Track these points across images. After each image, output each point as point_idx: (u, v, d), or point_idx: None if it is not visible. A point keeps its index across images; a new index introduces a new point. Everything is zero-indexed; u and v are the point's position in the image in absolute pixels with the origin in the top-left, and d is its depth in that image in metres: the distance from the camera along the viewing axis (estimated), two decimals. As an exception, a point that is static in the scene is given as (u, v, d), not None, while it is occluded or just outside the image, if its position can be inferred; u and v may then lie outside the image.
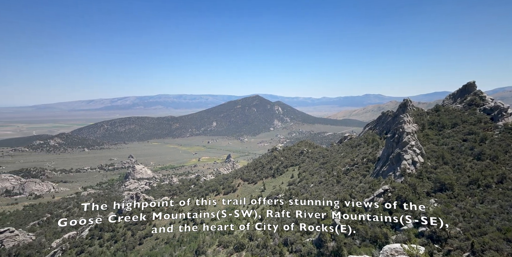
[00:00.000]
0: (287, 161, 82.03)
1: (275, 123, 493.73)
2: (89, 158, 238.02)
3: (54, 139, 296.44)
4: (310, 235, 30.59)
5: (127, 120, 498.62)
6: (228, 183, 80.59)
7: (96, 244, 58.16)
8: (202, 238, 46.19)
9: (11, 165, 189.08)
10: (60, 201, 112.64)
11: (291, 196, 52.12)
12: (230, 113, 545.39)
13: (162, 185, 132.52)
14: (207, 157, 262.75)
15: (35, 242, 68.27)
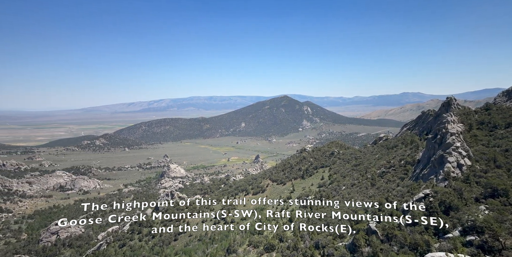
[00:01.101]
0: (316, 162, 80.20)
1: (303, 123, 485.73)
2: (129, 157, 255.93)
3: (99, 139, 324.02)
4: (343, 239, 29.54)
5: (162, 121, 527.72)
6: (257, 183, 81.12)
7: (136, 238, 62.15)
8: (233, 237, 47.02)
9: (63, 162, 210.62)
10: (104, 197, 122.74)
11: (321, 198, 50.76)
12: (258, 114, 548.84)
13: (194, 184, 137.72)
14: (236, 157, 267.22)
15: (84, 234, 75.23)
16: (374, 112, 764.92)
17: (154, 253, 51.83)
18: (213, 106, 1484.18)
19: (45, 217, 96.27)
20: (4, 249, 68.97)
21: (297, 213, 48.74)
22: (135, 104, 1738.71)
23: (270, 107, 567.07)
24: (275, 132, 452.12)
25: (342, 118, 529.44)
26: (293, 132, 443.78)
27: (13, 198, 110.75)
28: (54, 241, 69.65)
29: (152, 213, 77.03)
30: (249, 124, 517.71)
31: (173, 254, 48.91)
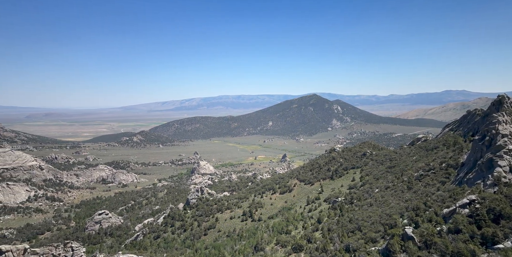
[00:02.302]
0: (347, 163, 77.47)
1: (333, 123, 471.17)
2: (163, 153, 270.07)
3: (136, 136, 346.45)
4: (376, 243, 28.23)
5: (193, 120, 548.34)
6: (284, 182, 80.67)
7: (169, 231, 65.42)
8: (260, 235, 47.37)
9: (105, 157, 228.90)
10: (141, 190, 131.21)
11: (352, 201, 49.03)
12: (286, 113, 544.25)
13: (222, 181, 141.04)
14: (263, 156, 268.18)
15: (123, 225, 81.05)
16: (412, 112, 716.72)
17: (186, 246, 54.08)
18: (241, 105, 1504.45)
19: (89, 207, 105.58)
20: (57, 235, 77.01)
21: (326, 214, 47.74)
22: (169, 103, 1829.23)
23: (298, 106, 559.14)
24: (302, 131, 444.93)
25: (376, 118, 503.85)
26: (321, 131, 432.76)
27: (63, 189, 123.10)
28: (97, 230, 76.01)
29: (184, 208, 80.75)
30: (277, 123, 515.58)
31: (203, 248, 50.62)
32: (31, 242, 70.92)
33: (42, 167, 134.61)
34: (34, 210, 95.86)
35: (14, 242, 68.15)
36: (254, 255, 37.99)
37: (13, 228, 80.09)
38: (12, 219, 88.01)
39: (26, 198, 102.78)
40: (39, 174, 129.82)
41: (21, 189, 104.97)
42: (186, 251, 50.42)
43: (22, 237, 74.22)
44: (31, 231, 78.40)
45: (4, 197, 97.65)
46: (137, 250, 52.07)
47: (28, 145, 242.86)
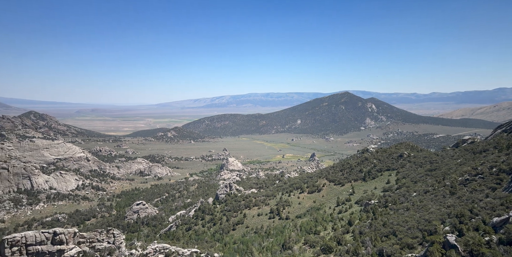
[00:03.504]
0: (381, 164, 73.67)
1: (366, 122, 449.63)
2: (194, 149, 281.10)
3: (170, 132, 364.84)
4: (413, 250, 26.60)
5: (222, 117, 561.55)
6: (312, 182, 79.24)
7: (200, 224, 68.20)
8: (288, 233, 47.26)
9: (143, 151, 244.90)
10: (174, 184, 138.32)
11: (386, 204, 46.60)
12: (315, 111, 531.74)
13: (250, 178, 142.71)
14: (291, 154, 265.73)
15: (158, 215, 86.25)
16: (457, 111, 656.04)
17: (215, 240, 55.94)
18: (270, 103, 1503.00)
19: (129, 197, 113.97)
20: (101, 221, 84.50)
21: (357, 217, 46.03)
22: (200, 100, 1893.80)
23: (328, 104, 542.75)
24: (333, 130, 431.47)
25: (415, 117, 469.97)
26: (353, 131, 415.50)
27: (106, 179, 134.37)
28: (135, 219, 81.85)
29: (213, 202, 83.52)
30: (305, 121, 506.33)
31: (232, 242, 51.92)
32: (79, 227, 78.65)
33: (89, 158, 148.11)
34: (81, 197, 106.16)
35: (66, 225, 76.28)
36: (282, 253, 38.07)
37: (65, 213, 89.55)
38: (64, 204, 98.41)
39: (75, 186, 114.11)
40: (86, 164, 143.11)
41: (71, 178, 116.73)
42: (216, 244, 52.18)
43: (72, 222, 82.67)
44: (80, 217, 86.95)
45: (58, 184, 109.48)
46: (170, 240, 55.17)
47: (77, 137, 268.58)
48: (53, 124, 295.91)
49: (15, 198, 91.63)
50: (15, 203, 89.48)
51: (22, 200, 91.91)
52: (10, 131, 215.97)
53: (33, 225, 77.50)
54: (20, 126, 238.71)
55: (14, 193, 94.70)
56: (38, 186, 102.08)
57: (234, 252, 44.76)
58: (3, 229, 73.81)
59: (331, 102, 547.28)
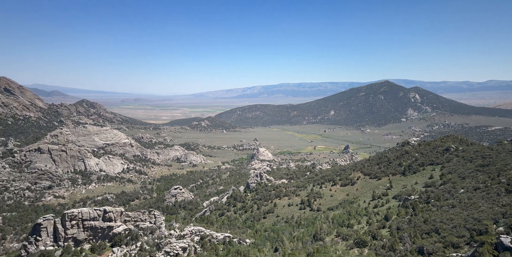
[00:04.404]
0: (423, 158, 68.45)
1: (408, 113, 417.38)
2: (226, 138, 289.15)
3: (204, 121, 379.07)
4: (458, 249, 24.61)
5: (253, 107, 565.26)
6: (346, 174, 76.86)
7: (232, 210, 70.82)
8: (319, 225, 46.86)
9: (179, 139, 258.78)
10: (207, 171, 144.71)
11: (428, 200, 43.48)
12: (351, 102, 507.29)
13: (280, 168, 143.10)
14: (323, 146, 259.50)
15: (194, 200, 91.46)
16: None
17: (247, 226, 57.77)
18: (302, 93, 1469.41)
19: (167, 181, 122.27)
20: (143, 203, 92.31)
21: (395, 212, 43.77)
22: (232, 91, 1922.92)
23: (365, 94, 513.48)
24: (370, 121, 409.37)
25: (466, 108, 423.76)
26: (393, 122, 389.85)
27: (148, 164, 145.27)
28: (173, 202, 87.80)
29: (244, 190, 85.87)
30: (339, 112, 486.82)
31: (263, 230, 53.18)
32: (125, 207, 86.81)
33: (132, 144, 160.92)
34: (126, 180, 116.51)
35: (113, 205, 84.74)
36: (313, 243, 38.00)
37: (113, 193, 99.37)
38: (112, 185, 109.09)
39: (121, 170, 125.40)
40: (130, 150, 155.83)
41: (118, 162, 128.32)
42: (247, 230, 53.91)
43: (119, 202, 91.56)
44: (125, 198, 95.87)
45: (107, 167, 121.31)
46: (205, 224, 58.28)
47: (122, 125, 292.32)
48: (102, 112, 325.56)
49: (72, 178, 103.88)
50: (72, 182, 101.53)
51: (77, 180, 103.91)
52: (67, 117, 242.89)
53: (87, 203, 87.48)
54: (75, 113, 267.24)
55: (72, 173, 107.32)
56: (90, 168, 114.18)
57: (265, 239, 45.85)
58: (64, 204, 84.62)
59: (369, 92, 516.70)
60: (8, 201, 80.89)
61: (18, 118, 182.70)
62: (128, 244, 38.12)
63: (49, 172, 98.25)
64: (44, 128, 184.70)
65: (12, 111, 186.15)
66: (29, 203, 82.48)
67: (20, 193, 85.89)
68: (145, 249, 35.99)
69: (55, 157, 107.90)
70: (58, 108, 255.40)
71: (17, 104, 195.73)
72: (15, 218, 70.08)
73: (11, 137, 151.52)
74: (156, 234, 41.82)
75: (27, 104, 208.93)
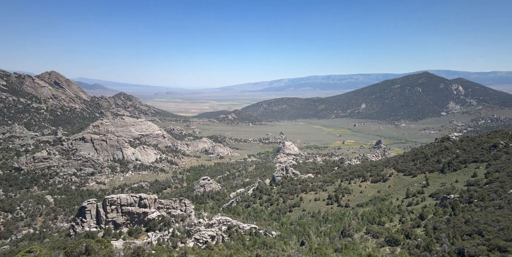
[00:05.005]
0: (465, 155, 62.83)
1: (449, 106, 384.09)
2: (252, 132, 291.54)
3: (231, 114, 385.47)
4: (505, 253, 22.40)
5: (280, 100, 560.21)
6: (377, 170, 73.52)
7: (258, 202, 71.77)
8: (348, 221, 45.62)
9: (207, 131, 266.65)
10: (234, 163, 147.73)
11: (471, 199, 40.02)
12: (384, 94, 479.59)
13: (307, 163, 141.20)
14: (352, 141, 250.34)
15: (221, 191, 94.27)
16: None
17: (272, 219, 58.25)
18: (330, 86, 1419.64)
19: (196, 172, 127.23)
20: (174, 191, 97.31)
21: (431, 211, 41.04)
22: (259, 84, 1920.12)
23: (401, 87, 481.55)
24: (405, 115, 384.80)
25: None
26: (431, 116, 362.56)
27: (178, 155, 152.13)
28: (202, 192, 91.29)
29: (270, 183, 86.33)
30: (371, 105, 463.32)
31: (289, 223, 53.25)
32: (158, 194, 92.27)
33: (164, 135, 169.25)
34: (159, 169, 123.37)
35: (148, 192, 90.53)
36: (341, 239, 37.19)
37: (147, 181, 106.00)
38: (146, 174, 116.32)
39: (154, 159, 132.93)
40: (162, 141, 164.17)
41: (151, 152, 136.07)
42: (273, 223, 54.37)
43: (152, 189, 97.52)
44: (158, 186, 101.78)
45: (142, 157, 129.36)
46: (232, 214, 59.88)
47: (155, 117, 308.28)
48: (137, 104, 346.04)
49: (112, 166, 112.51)
50: (112, 169, 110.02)
51: (116, 168, 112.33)
52: (106, 109, 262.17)
53: (125, 189, 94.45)
54: (114, 106, 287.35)
55: (111, 162, 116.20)
56: (127, 157, 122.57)
57: (291, 232, 45.88)
58: (104, 190, 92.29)
59: (405, 84, 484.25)
60: (58, 184, 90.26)
61: (65, 109, 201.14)
62: (161, 229, 40.53)
63: (92, 160, 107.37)
64: (87, 119, 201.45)
65: (60, 103, 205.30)
66: (76, 187, 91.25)
67: (68, 178, 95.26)
68: (176, 235, 38.01)
69: (97, 146, 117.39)
70: (99, 101, 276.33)
71: (64, 96, 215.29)
72: (64, 200, 78.14)
73: (60, 126, 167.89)
74: (187, 222, 43.87)
75: (73, 96, 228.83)
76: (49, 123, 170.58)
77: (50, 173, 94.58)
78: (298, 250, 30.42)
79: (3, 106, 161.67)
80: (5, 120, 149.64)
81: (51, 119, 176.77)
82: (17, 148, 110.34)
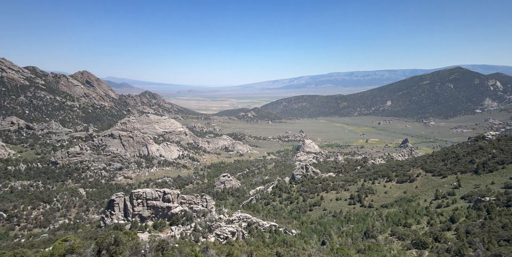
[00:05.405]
0: (503, 155, 58.09)
1: (485, 103, 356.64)
2: (271, 129, 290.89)
3: (250, 112, 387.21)
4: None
5: (300, 98, 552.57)
6: (403, 170, 70.30)
7: (277, 200, 71.61)
8: (371, 222, 44.17)
9: (227, 129, 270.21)
10: (253, 161, 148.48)
11: (509, 203, 36.99)
12: (411, 91, 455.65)
13: (327, 161, 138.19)
14: (376, 139, 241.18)
15: (240, 188, 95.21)
16: None
17: (292, 217, 57.86)
18: (353, 83, 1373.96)
19: (216, 169, 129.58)
20: (196, 187, 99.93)
21: (463, 214, 38.54)
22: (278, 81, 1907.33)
23: (430, 83, 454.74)
24: (434, 113, 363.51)
25: None
26: (464, 114, 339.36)
27: (199, 152, 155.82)
28: (222, 189, 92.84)
29: (289, 181, 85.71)
30: (397, 103, 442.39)
31: (309, 222, 52.60)
32: (180, 190, 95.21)
33: (186, 133, 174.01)
34: (182, 165, 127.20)
35: (171, 187, 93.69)
36: (364, 240, 36.12)
37: (171, 177, 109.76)
38: (170, 170, 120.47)
39: (177, 156, 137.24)
40: (185, 138, 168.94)
41: (174, 149, 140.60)
42: (293, 221, 54.00)
43: (175, 185, 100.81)
44: (181, 181, 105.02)
45: (165, 153, 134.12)
46: (251, 211, 60.30)
47: (178, 114, 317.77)
48: (161, 102, 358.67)
49: (138, 161, 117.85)
50: (138, 165, 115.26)
51: (142, 163, 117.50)
52: (133, 106, 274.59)
53: (150, 184, 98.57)
54: (140, 103, 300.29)
55: (137, 157, 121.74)
56: (152, 153, 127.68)
57: (311, 231, 45.31)
58: (131, 184, 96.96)
59: (435, 80, 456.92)
60: (90, 178, 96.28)
61: (96, 107, 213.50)
62: (184, 224, 41.86)
63: (120, 155, 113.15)
64: (116, 116, 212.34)
65: (91, 101, 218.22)
66: (105, 181, 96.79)
67: (98, 172, 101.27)
68: (198, 230, 39.04)
69: (124, 142, 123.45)
70: (126, 99, 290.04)
71: (95, 95, 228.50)
72: (95, 193, 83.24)
73: (91, 123, 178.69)
74: (208, 217, 44.90)
75: (103, 95, 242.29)
76: (81, 120, 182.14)
77: (82, 167, 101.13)
78: (319, 250, 29.99)
79: (42, 104, 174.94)
80: (43, 117, 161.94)
81: (83, 116, 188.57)
82: (53, 143, 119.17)
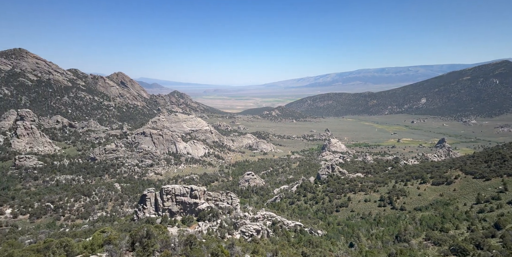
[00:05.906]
0: (562, 158, 51.56)
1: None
2: (296, 128, 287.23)
3: (274, 111, 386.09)
4: None
5: (326, 96, 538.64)
6: (439, 172, 65.47)
7: (302, 200, 70.47)
8: (404, 225, 41.72)
9: (251, 128, 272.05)
10: (277, 160, 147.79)
11: None
12: (449, 88, 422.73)
13: (355, 161, 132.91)
14: (409, 139, 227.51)
15: (265, 186, 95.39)
16: None
17: (318, 217, 56.60)
18: (384, 80, 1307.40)
19: (241, 167, 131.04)
20: (221, 185, 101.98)
21: (510, 220, 34.87)
22: (304, 79, 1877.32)
23: (472, 78, 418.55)
24: (476, 110, 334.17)
25: None
26: (510, 112, 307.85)
27: (224, 150, 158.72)
28: (246, 187, 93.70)
29: (314, 181, 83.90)
30: (433, 100, 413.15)
31: (336, 223, 51.11)
32: (207, 187, 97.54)
33: (212, 131, 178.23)
34: (207, 163, 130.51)
35: (198, 184, 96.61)
36: (395, 244, 34.25)
37: (197, 174, 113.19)
38: (196, 167, 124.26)
39: (203, 154, 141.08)
40: (210, 136, 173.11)
41: (201, 147, 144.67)
42: (319, 222, 52.82)
43: (202, 182, 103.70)
44: (207, 179, 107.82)
45: (192, 151, 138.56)
46: (276, 210, 60.07)
47: (204, 113, 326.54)
48: (188, 101, 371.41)
49: (167, 158, 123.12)
50: (167, 162, 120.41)
51: (171, 160, 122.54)
52: (163, 106, 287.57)
53: (178, 181, 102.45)
54: (169, 103, 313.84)
55: (166, 154, 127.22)
56: (180, 151, 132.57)
57: (339, 233, 43.99)
58: (161, 180, 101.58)
59: (477, 75, 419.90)
60: (124, 174, 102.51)
61: (129, 106, 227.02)
62: (210, 220, 42.88)
63: (151, 152, 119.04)
64: (147, 115, 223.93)
65: (125, 101, 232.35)
66: (138, 177, 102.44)
67: (132, 168, 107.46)
68: (224, 226, 39.76)
69: (155, 140, 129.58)
70: (156, 99, 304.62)
71: (129, 95, 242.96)
72: (129, 188, 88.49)
73: (125, 122, 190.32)
74: (233, 214, 45.55)
75: (135, 95, 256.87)
76: (116, 119, 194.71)
77: (118, 163, 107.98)
78: (347, 252, 29.00)
79: (82, 104, 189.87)
80: (83, 116, 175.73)
81: (118, 115, 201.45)
82: (92, 141, 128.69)
